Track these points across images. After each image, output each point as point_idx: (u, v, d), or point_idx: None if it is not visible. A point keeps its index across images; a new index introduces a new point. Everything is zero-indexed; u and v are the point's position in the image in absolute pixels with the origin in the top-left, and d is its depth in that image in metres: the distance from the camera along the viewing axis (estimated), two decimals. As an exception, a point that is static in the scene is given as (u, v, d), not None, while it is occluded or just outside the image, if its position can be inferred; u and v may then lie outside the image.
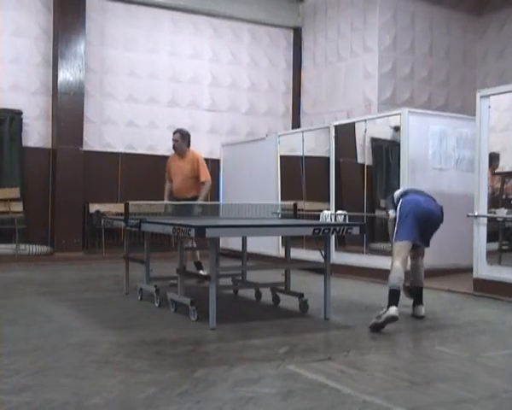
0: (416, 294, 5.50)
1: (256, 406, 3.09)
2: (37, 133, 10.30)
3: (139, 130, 10.95)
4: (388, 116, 9.03)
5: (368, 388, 3.41)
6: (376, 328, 4.79)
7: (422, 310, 5.42)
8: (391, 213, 5.40)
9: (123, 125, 10.93)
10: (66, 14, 10.20)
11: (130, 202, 6.69)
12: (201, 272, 7.35)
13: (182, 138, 7.65)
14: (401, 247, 5.15)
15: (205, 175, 7.53)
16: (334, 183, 8.72)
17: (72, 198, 10.07)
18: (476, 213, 6.74)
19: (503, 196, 8.25)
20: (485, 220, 6.78)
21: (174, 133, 7.72)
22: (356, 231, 5.25)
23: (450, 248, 7.75)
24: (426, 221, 5.22)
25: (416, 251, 5.44)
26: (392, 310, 4.82)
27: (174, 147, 7.69)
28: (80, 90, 10.29)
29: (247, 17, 11.88)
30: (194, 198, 7.42)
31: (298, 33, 12.33)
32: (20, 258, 9.47)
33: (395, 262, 5.09)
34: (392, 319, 4.78)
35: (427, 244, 5.43)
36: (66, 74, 10.19)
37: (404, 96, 10.60)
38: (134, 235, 7.27)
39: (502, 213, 7.82)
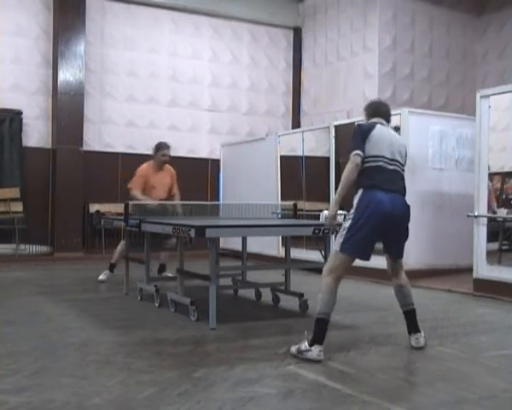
0: (410, 319, 4.37)
1: (256, 406, 3.09)
2: (37, 133, 10.30)
3: (139, 130, 10.96)
4: (388, 116, 9.01)
5: (368, 388, 3.41)
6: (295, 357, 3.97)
7: (421, 339, 4.30)
8: (332, 208, 4.33)
9: (123, 125, 10.93)
10: (66, 14, 10.21)
11: (130, 202, 6.69)
12: (166, 273, 7.50)
13: None
14: (341, 261, 4.09)
15: (177, 187, 7.76)
16: (334, 183, 8.71)
17: (72, 198, 10.07)
18: (476, 213, 6.73)
19: (503, 196, 8.25)
20: (485, 220, 6.78)
21: (168, 148, 7.53)
22: (356, 231, 5.23)
23: (450, 248, 7.75)
24: (390, 229, 4.17)
25: (394, 266, 4.39)
26: (314, 353, 3.88)
27: (166, 162, 7.55)
28: (80, 90, 10.30)
29: (247, 17, 11.89)
30: None
31: (298, 33, 12.33)
32: (20, 258, 9.48)
33: (326, 278, 4.07)
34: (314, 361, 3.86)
35: (399, 255, 4.36)
36: (66, 74, 10.19)
37: (404, 96, 10.60)
38: (134, 235, 7.25)
39: (502, 213, 7.82)
